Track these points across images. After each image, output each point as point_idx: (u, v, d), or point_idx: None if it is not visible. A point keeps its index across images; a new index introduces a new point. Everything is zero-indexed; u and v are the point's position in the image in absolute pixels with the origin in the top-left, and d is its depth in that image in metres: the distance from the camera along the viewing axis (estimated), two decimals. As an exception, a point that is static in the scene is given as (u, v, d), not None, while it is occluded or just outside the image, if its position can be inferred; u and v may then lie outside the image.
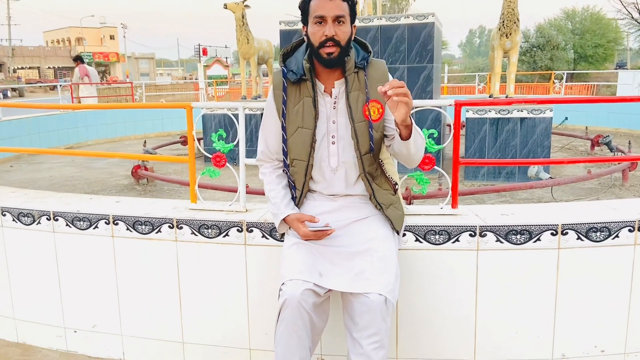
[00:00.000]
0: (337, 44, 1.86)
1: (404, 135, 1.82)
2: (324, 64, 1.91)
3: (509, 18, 7.29)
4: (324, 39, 1.85)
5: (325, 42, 1.86)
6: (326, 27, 1.85)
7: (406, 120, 1.75)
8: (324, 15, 1.84)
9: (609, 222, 2.18)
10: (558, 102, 2.97)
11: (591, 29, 32.51)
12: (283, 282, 1.86)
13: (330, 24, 1.85)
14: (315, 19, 1.86)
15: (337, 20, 1.85)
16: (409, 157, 1.92)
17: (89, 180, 7.66)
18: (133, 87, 15.45)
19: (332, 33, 1.85)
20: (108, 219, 2.48)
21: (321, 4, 1.85)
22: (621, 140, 9.30)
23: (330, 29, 1.85)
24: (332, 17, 1.84)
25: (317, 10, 1.86)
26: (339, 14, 1.85)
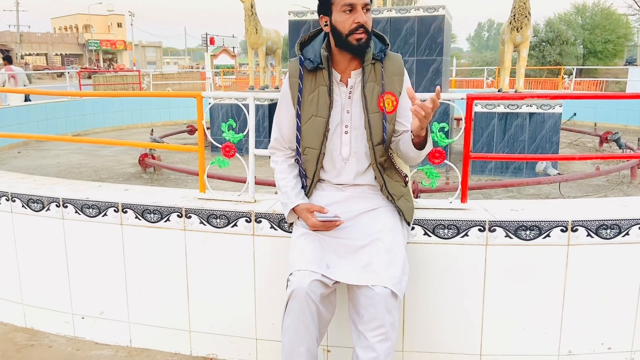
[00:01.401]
0: (366, 31, 1.89)
1: (416, 142, 1.87)
2: (354, 50, 1.92)
3: (520, 12, 7.23)
4: (355, 26, 1.87)
5: (357, 29, 1.88)
6: (356, 14, 1.87)
7: (420, 133, 1.81)
8: (354, 3, 1.86)
9: (620, 220, 2.16)
10: (569, 97, 2.96)
11: (601, 25, 32.16)
12: (291, 272, 1.86)
13: (360, 11, 1.87)
14: (344, 7, 1.88)
15: (365, 7, 1.88)
16: (410, 159, 1.98)
17: (96, 167, 7.69)
18: (140, 75, 15.45)
19: (363, 20, 1.87)
20: (117, 207, 2.48)
21: None
22: (630, 137, 9.24)
23: (362, 15, 1.87)
24: (361, 4, 1.87)
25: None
26: (367, 2, 1.87)
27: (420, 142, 1.88)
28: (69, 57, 57.05)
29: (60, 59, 57.05)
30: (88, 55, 58.48)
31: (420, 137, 1.85)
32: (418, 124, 1.78)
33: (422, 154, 1.93)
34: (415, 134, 1.84)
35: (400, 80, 2.00)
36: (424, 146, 1.89)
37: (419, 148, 1.90)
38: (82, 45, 59.65)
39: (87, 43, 58.35)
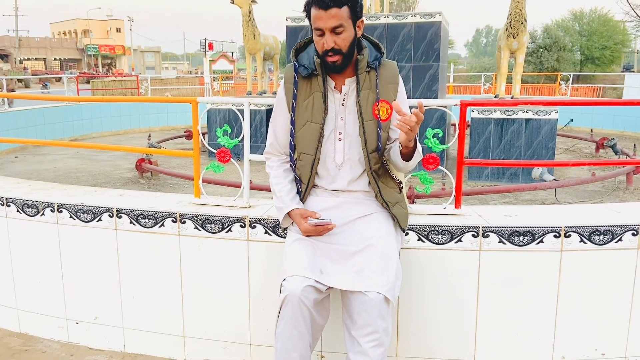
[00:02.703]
0: (337, 52, 1.89)
1: (404, 153, 1.91)
2: (331, 69, 1.95)
3: (516, 19, 7.27)
4: (325, 50, 1.88)
5: (327, 53, 1.89)
6: (324, 38, 1.87)
7: (408, 144, 1.85)
8: (322, 27, 1.86)
9: (613, 226, 2.17)
10: (564, 104, 2.97)
11: (598, 31, 32.31)
12: (285, 277, 1.87)
13: (328, 35, 1.86)
14: (315, 30, 1.88)
15: (335, 30, 1.86)
16: (399, 169, 2.02)
17: (93, 172, 7.69)
18: (139, 80, 15.47)
19: (330, 45, 1.87)
20: (112, 212, 2.48)
21: (318, 16, 1.85)
22: (626, 143, 9.27)
23: (329, 41, 1.86)
24: (328, 28, 1.85)
25: (315, 21, 1.87)
26: (335, 25, 1.85)
27: (409, 153, 1.92)
28: (68, 62, 57.08)
29: (59, 64, 57.07)
30: (87, 60, 58.55)
31: (409, 148, 1.89)
32: (405, 137, 1.82)
33: (410, 164, 1.97)
34: (404, 145, 1.87)
35: (395, 89, 2.02)
36: (411, 157, 1.93)
37: (407, 159, 1.94)
38: (81, 50, 59.74)
39: (86, 48, 58.44)
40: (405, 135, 1.81)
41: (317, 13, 1.85)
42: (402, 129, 1.78)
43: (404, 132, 1.80)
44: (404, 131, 1.79)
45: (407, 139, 1.83)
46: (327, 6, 1.82)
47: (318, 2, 1.83)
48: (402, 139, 1.84)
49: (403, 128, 1.78)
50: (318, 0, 1.83)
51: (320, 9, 1.83)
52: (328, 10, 1.83)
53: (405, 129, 1.77)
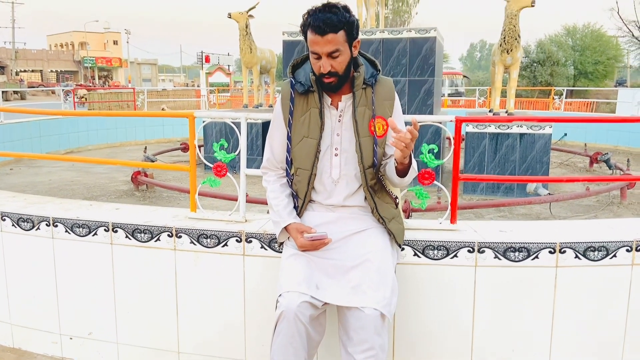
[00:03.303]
0: (334, 75, 1.91)
1: (400, 169, 1.93)
2: (327, 89, 1.97)
3: (510, 34, 7.35)
4: (321, 73, 1.91)
5: (323, 76, 1.91)
6: (321, 62, 1.89)
7: (403, 161, 1.88)
8: (318, 52, 1.88)
9: (607, 242, 2.18)
10: (557, 120, 3.00)
11: (591, 46, 32.66)
12: (280, 293, 1.87)
13: (325, 59, 1.89)
14: (312, 53, 1.91)
15: (331, 55, 1.88)
16: (396, 184, 2.04)
17: (88, 185, 7.66)
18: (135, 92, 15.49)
19: (327, 69, 1.90)
20: (107, 226, 2.48)
21: (315, 41, 1.87)
22: (620, 157, 9.34)
23: (326, 65, 1.89)
24: (325, 53, 1.88)
25: (312, 46, 1.89)
26: (331, 51, 1.87)
27: (404, 169, 1.94)
28: (64, 74, 57.13)
29: (55, 76, 57.11)
30: (83, 72, 58.61)
31: (404, 164, 1.91)
32: (400, 154, 1.84)
33: (405, 180, 1.99)
34: (399, 161, 1.90)
35: (391, 105, 2.04)
36: (407, 173, 1.95)
37: (402, 175, 1.96)
38: (78, 62, 59.81)
39: (83, 60, 58.52)
40: (400, 152, 1.83)
41: (313, 38, 1.86)
42: (397, 146, 1.80)
43: (399, 150, 1.82)
44: (399, 148, 1.81)
45: (402, 155, 1.85)
46: (324, 32, 1.84)
47: (315, 28, 1.85)
48: (397, 155, 1.86)
49: (398, 145, 1.79)
50: (315, 26, 1.84)
51: (317, 34, 1.85)
52: (325, 36, 1.84)
53: (401, 146, 1.79)
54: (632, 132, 11.28)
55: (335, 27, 1.84)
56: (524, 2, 7.06)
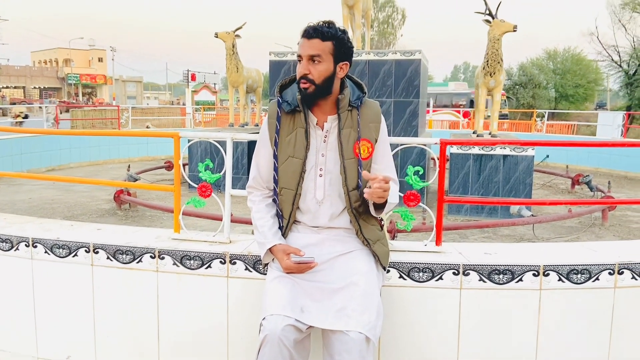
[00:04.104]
0: (310, 81, 1.94)
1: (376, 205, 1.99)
2: (302, 95, 1.99)
3: (492, 58, 7.49)
4: (300, 76, 1.96)
5: (301, 79, 1.95)
6: (300, 64, 1.96)
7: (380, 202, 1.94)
8: (301, 54, 1.95)
9: (590, 265, 2.20)
10: (539, 144, 3.06)
11: (572, 70, 33.47)
12: (264, 316, 1.84)
13: (305, 62, 1.94)
14: (298, 57, 1.98)
15: (312, 59, 1.93)
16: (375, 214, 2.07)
17: (70, 204, 7.55)
18: (119, 110, 15.40)
19: (303, 71, 1.94)
20: (88, 247, 2.43)
21: (301, 44, 1.96)
22: (601, 179, 9.49)
23: (304, 67, 1.94)
24: (306, 56, 1.94)
25: (298, 50, 1.97)
26: (312, 54, 1.93)
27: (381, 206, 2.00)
28: (47, 91, 56.69)
29: (38, 92, 56.63)
30: (67, 89, 58.23)
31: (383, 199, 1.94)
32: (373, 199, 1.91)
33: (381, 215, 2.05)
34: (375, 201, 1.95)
35: (377, 127, 2.05)
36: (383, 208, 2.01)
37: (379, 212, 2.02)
38: (62, 79, 59.45)
39: (67, 77, 58.18)
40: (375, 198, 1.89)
41: (301, 41, 1.95)
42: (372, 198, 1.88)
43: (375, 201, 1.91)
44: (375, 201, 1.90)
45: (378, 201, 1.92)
46: (310, 36, 1.93)
47: (305, 32, 1.95)
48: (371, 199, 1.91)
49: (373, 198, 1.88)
50: (305, 30, 1.94)
51: (305, 38, 1.94)
52: (310, 40, 1.93)
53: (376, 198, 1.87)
54: (613, 155, 11.50)
55: (323, 35, 1.92)
56: (506, 27, 7.23)
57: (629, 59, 28.38)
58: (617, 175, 11.09)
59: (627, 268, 2.21)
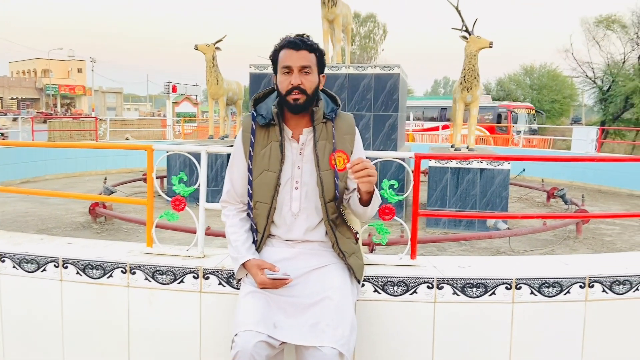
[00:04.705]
0: (302, 92, 1.94)
1: (365, 200, 1.93)
2: (291, 109, 1.98)
3: (469, 73, 7.61)
4: (291, 87, 1.94)
5: (292, 90, 1.94)
6: (292, 76, 1.94)
7: (369, 189, 1.88)
8: (291, 65, 1.94)
9: (561, 278, 2.23)
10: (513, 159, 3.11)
11: (548, 85, 34.21)
12: (236, 332, 1.81)
13: (297, 73, 1.94)
14: (283, 68, 1.96)
15: (303, 70, 1.94)
16: (362, 215, 2.03)
17: (43, 216, 7.39)
18: (97, 121, 15.21)
19: (297, 82, 1.93)
20: (57, 262, 2.38)
21: (288, 55, 1.94)
22: (575, 193, 9.65)
23: (297, 78, 1.93)
24: (297, 67, 1.94)
25: (285, 60, 1.95)
26: (304, 65, 1.94)
27: (369, 199, 1.95)
28: (25, 101, 55.78)
29: (16, 103, 55.67)
30: (45, 99, 57.39)
31: (370, 193, 1.92)
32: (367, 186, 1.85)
33: (369, 210, 1.99)
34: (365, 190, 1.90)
35: (352, 139, 2.06)
36: (370, 202, 1.95)
37: (366, 204, 1.96)
38: (40, 89, 58.60)
39: (45, 87, 57.36)
40: (367, 185, 1.84)
41: (287, 53, 1.94)
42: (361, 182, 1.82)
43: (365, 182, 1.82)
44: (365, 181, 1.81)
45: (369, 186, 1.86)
46: (299, 47, 1.94)
47: (290, 44, 1.94)
48: (364, 187, 1.87)
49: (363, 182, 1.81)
50: (291, 42, 1.94)
51: (292, 49, 1.94)
52: (299, 51, 1.93)
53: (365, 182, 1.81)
54: (587, 169, 11.73)
55: (310, 46, 1.95)
56: (482, 44, 7.36)
57: (603, 76, 29.11)
58: (591, 188, 11.30)
59: (598, 281, 2.24)
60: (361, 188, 1.88)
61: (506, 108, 23.36)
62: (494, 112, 23.69)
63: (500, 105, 24.23)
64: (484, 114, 23.99)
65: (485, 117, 23.66)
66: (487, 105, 25.05)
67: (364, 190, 1.89)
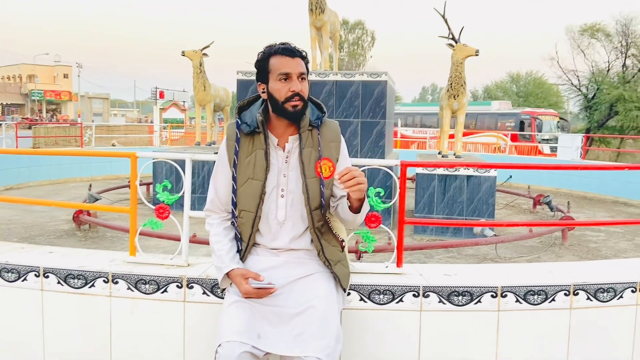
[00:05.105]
0: (302, 99, 1.94)
1: (355, 207, 1.90)
2: (290, 117, 1.96)
3: (456, 81, 7.67)
4: (291, 94, 1.92)
5: (292, 97, 1.93)
6: (292, 83, 1.93)
7: (360, 196, 1.86)
8: (290, 72, 1.93)
9: (546, 286, 2.23)
10: (498, 166, 3.14)
11: (534, 93, 34.67)
12: (220, 343, 1.79)
13: (296, 80, 1.93)
14: (280, 75, 1.93)
15: (300, 76, 1.94)
16: (351, 222, 2.00)
17: (27, 224, 7.28)
18: (82, 127, 15.06)
19: (299, 88, 1.93)
20: (38, 271, 2.33)
21: (285, 62, 1.93)
22: (561, 199, 9.74)
23: (297, 84, 1.93)
24: (297, 74, 1.93)
25: (282, 67, 1.93)
26: (302, 72, 1.95)
27: (359, 206, 1.92)
28: (10, 107, 55.14)
29: (0, 109, 54.99)
30: (31, 105, 56.77)
31: (361, 200, 1.90)
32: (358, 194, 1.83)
33: (359, 217, 1.96)
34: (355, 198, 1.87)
35: (337, 147, 2.05)
36: (360, 209, 1.93)
37: (356, 211, 1.93)
38: (25, 95, 57.97)
39: (31, 93, 56.76)
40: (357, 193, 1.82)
41: (282, 60, 1.93)
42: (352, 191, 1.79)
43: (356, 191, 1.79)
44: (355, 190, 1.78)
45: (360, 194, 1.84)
46: (294, 54, 1.94)
47: (285, 51, 1.93)
48: (355, 195, 1.84)
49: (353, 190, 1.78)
50: (285, 49, 1.93)
51: (287, 56, 1.93)
52: (294, 58, 1.93)
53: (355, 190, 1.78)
54: (572, 176, 11.85)
55: (302, 54, 1.96)
56: (468, 52, 7.42)
57: (588, 83, 29.52)
58: (577, 195, 11.41)
59: (582, 289, 2.25)
60: (352, 196, 1.86)
61: (530, 115, 21.86)
62: (517, 119, 22.22)
63: (523, 111, 22.69)
64: (504, 121, 22.68)
65: (506, 124, 22.39)
66: (508, 111, 23.62)
67: (354, 198, 1.87)
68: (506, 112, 23.10)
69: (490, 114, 23.58)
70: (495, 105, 24.71)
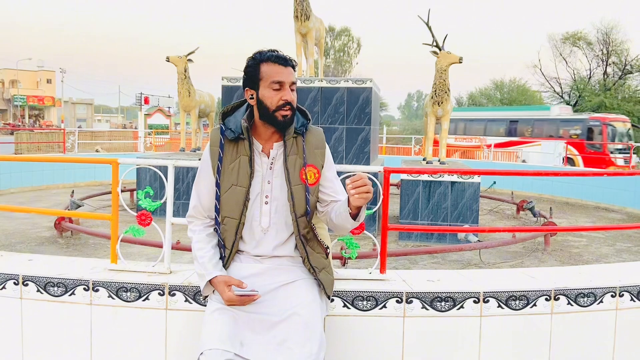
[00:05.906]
0: (292, 108, 1.95)
1: (354, 214, 1.89)
2: (279, 125, 1.96)
3: (440, 88, 7.75)
4: (282, 103, 1.92)
5: (284, 106, 1.93)
6: (284, 92, 1.93)
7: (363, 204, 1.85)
8: (283, 81, 1.92)
9: (528, 291, 2.25)
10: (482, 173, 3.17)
11: (518, 99, 35.08)
12: (202, 351, 1.78)
13: (288, 89, 1.94)
14: (273, 84, 1.93)
15: (292, 86, 1.95)
16: (345, 229, 2.00)
17: (7, 231, 7.16)
18: (65, 133, 14.89)
19: (291, 98, 1.94)
20: (17, 279, 2.29)
21: (277, 70, 1.92)
22: (544, 205, 9.85)
23: (289, 94, 1.93)
24: (290, 82, 1.94)
25: (275, 76, 1.92)
26: (294, 81, 1.96)
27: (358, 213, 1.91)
28: (-9, 112, 54.36)
29: (-20, 114, 54.20)
30: (13, 110, 55.99)
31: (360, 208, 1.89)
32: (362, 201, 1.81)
33: (355, 224, 1.95)
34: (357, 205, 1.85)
35: (322, 154, 2.06)
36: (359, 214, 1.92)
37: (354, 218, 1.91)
38: (8, 100, 57.17)
39: (13, 98, 55.98)
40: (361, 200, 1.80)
41: (275, 68, 1.92)
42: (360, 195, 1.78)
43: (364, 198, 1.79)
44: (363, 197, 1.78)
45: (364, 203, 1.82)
46: (287, 63, 1.94)
47: (278, 59, 1.93)
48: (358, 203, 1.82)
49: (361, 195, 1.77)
50: (278, 57, 1.93)
51: (280, 65, 1.93)
52: (287, 67, 1.94)
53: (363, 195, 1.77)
54: (555, 182, 12.01)
55: (292, 63, 1.96)
56: (452, 59, 7.51)
57: (570, 90, 30.02)
58: (559, 201, 11.56)
59: (563, 294, 2.28)
60: (356, 203, 1.82)
61: (600, 121, 18.50)
62: (583, 125, 18.89)
63: (591, 117, 19.34)
64: (568, 127, 19.29)
65: (571, 132, 18.99)
66: (572, 117, 20.15)
67: (356, 205, 1.84)
68: (570, 118, 19.88)
69: (549, 120, 20.23)
70: (555, 111, 21.19)
